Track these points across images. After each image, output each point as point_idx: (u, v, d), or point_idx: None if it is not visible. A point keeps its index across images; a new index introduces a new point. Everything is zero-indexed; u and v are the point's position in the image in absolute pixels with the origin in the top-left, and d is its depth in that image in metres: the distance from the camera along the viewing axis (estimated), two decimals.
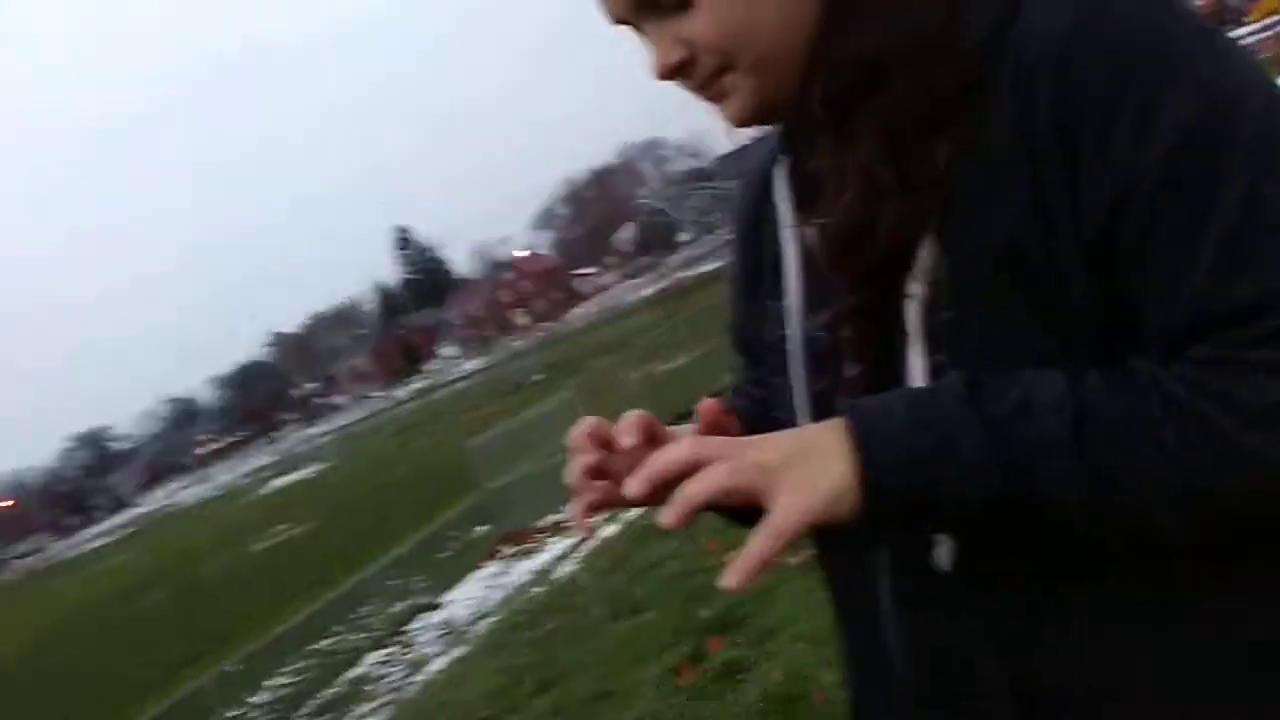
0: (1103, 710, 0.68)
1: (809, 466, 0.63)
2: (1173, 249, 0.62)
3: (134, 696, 17.45)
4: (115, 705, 17.52)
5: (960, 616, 0.71)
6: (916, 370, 0.69)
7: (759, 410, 0.89)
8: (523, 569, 11.92)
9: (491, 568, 13.45)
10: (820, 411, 0.77)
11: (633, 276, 78.05)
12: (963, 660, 0.72)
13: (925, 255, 0.69)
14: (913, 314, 0.70)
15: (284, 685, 14.09)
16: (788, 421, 0.82)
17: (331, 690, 12.69)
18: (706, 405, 0.77)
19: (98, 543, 73.57)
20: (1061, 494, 0.61)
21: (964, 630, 0.71)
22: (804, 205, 0.80)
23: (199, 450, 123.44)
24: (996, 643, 0.70)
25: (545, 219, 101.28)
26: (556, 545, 11.81)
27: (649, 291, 49.82)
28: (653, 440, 0.75)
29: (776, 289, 0.83)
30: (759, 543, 0.62)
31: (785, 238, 0.83)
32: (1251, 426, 0.58)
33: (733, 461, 0.64)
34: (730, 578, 0.62)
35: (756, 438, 0.67)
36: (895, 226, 0.69)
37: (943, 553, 0.70)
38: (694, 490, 0.63)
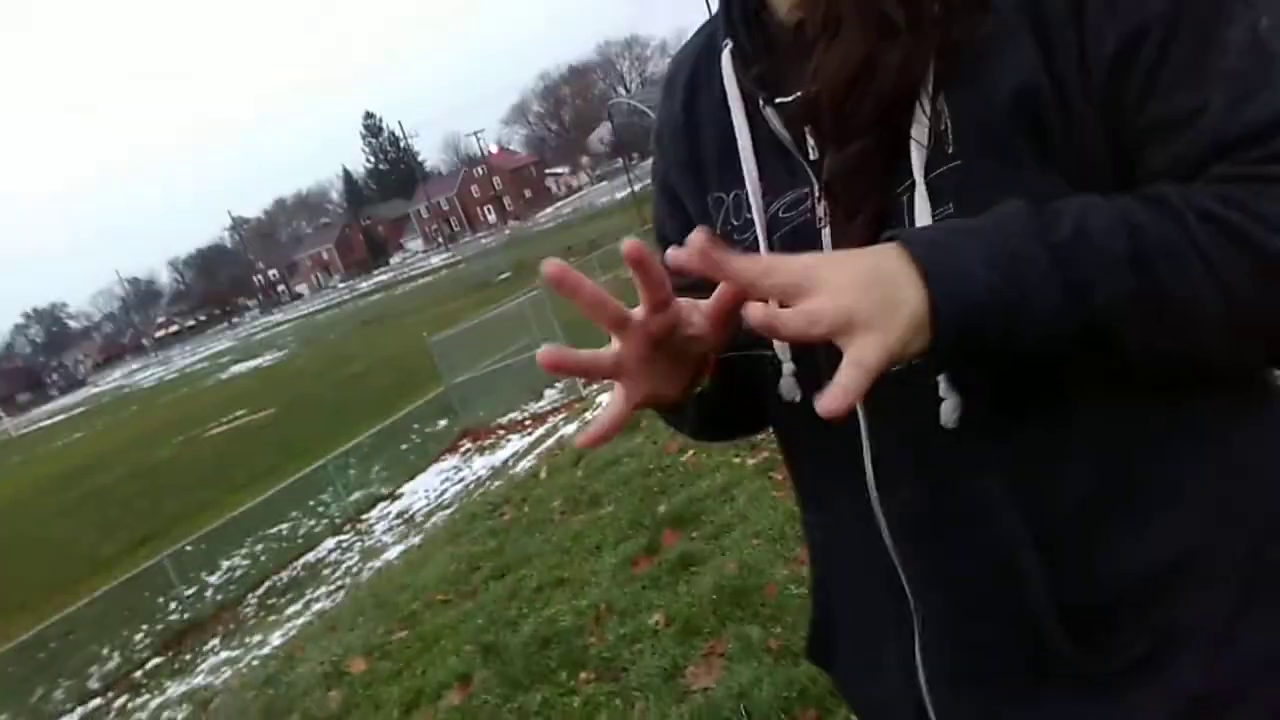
0: (1124, 543, 0.69)
1: (883, 302, 0.59)
2: (1185, 83, 0.63)
3: (90, 570, 17.56)
4: (71, 578, 17.61)
5: (969, 472, 0.70)
6: (924, 222, 0.68)
7: None
8: (481, 463, 12.03)
9: (451, 461, 13.56)
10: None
11: (605, 179, 77.07)
12: (970, 519, 0.71)
13: (926, 105, 0.67)
14: (917, 164, 0.67)
15: (240, 567, 14.24)
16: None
17: (287, 573, 12.85)
18: (633, 245, 0.63)
19: (52, 421, 73.00)
20: (1121, 315, 0.61)
21: (974, 486, 0.70)
22: (761, 86, 0.77)
23: (157, 333, 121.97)
24: (1011, 493, 0.69)
25: (519, 114, 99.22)
26: (516, 441, 11.90)
27: (621, 195, 49.27)
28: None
29: (726, 180, 0.81)
30: (851, 377, 0.57)
31: (737, 123, 0.79)
32: (1276, 234, 0.60)
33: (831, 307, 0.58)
34: (830, 402, 0.57)
35: (824, 258, 0.63)
36: (901, 69, 0.67)
37: (947, 408, 0.68)
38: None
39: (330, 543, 13.18)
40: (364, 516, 13.54)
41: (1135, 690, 0.69)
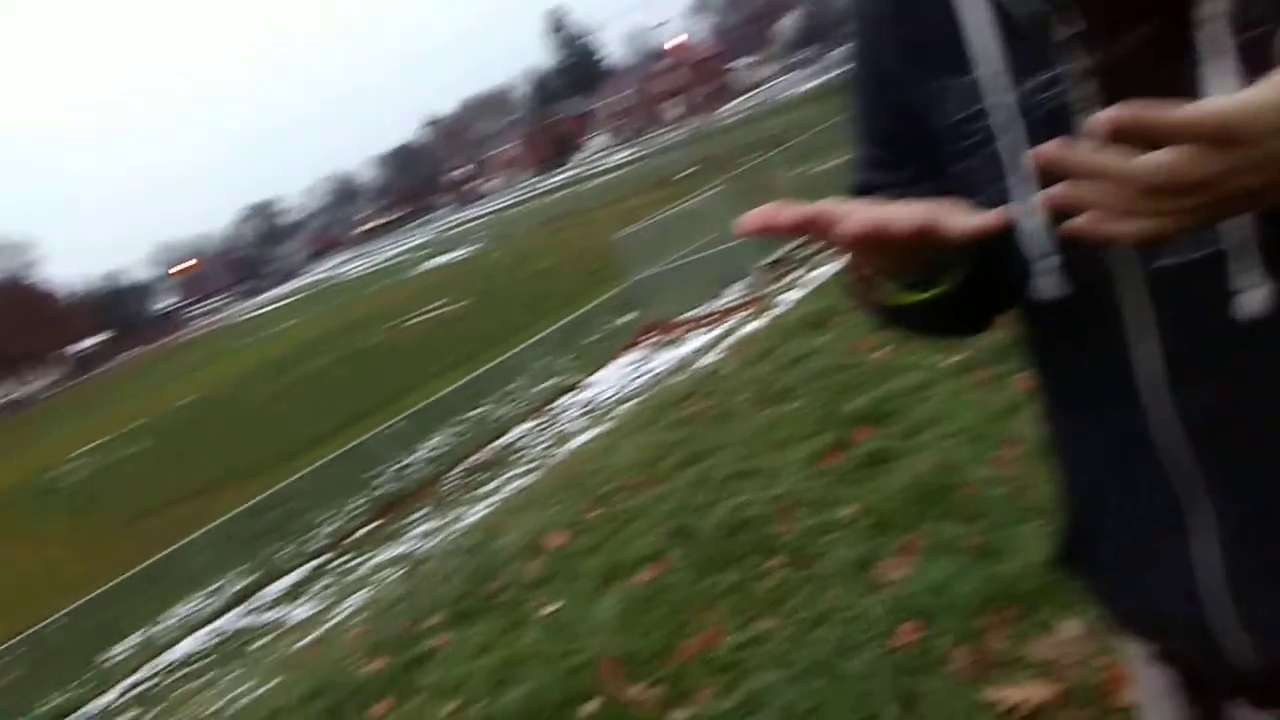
0: None
1: None
2: None
3: (308, 444, 19.24)
4: (291, 451, 19.37)
5: (1276, 366, 0.67)
6: (1218, 98, 0.62)
7: None
8: (665, 357, 12.25)
9: (634, 354, 13.88)
10: (1049, 181, 0.72)
11: (792, 69, 74.68)
12: (1278, 414, 0.68)
13: None
14: (1217, 36, 0.62)
15: (440, 447, 15.24)
16: (982, 209, 0.76)
17: (483, 454, 13.66)
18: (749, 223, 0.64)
19: (271, 308, 79.19)
20: None
21: None
22: None
23: (360, 228, 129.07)
24: None
25: (704, 4, 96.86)
26: (699, 337, 12.02)
27: (810, 86, 47.66)
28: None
29: (954, 63, 0.76)
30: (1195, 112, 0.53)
31: (966, 1, 0.74)
32: None
33: None
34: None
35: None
36: None
37: (1255, 299, 0.65)
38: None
39: (522, 428, 13.87)
40: (552, 405, 14.13)
41: None
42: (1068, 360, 0.81)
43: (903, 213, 0.64)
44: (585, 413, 12.33)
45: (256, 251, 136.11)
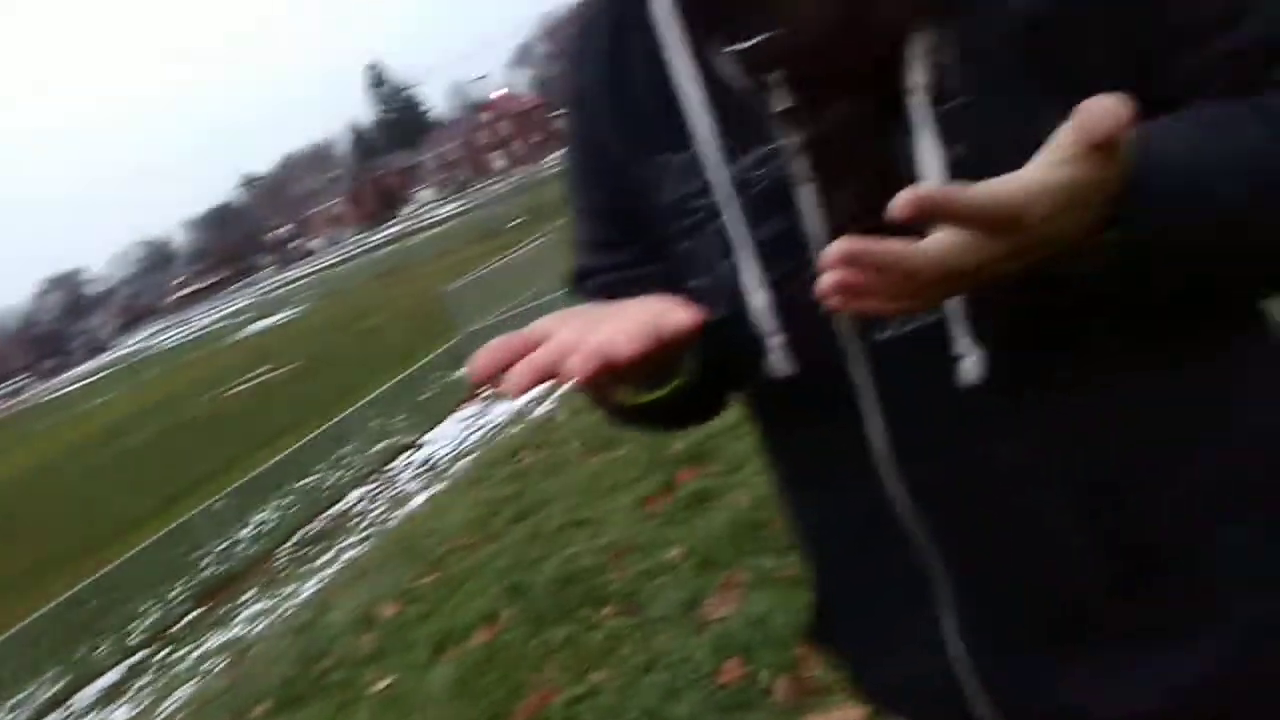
0: (1162, 494, 0.67)
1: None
2: None
3: (124, 530, 17.94)
4: (105, 538, 18.01)
5: (994, 435, 0.67)
6: (932, 167, 0.63)
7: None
8: (500, 410, 12.14)
9: (470, 409, 13.69)
10: (772, 257, 0.70)
11: None
12: (998, 484, 0.68)
13: (925, 40, 0.63)
14: (919, 107, 0.63)
15: (270, 521, 14.51)
16: (707, 288, 0.73)
17: (317, 524, 13.10)
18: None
19: (77, 385, 73.88)
20: (1233, 217, 0.58)
21: (1000, 450, 0.67)
22: (709, 29, 0.70)
23: (176, 294, 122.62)
24: (1039, 453, 0.66)
25: (524, 56, 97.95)
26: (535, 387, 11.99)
27: None
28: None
29: (671, 140, 0.72)
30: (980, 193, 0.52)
31: (682, 74, 0.71)
32: None
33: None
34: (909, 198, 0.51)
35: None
36: (897, 10, 0.62)
37: (968, 367, 0.65)
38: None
39: (357, 493, 13.39)
40: (388, 466, 13.73)
41: (1193, 629, 0.67)
42: (801, 438, 0.78)
43: (622, 331, 0.57)
44: (423, 472, 12.05)
45: (59, 326, 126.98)
